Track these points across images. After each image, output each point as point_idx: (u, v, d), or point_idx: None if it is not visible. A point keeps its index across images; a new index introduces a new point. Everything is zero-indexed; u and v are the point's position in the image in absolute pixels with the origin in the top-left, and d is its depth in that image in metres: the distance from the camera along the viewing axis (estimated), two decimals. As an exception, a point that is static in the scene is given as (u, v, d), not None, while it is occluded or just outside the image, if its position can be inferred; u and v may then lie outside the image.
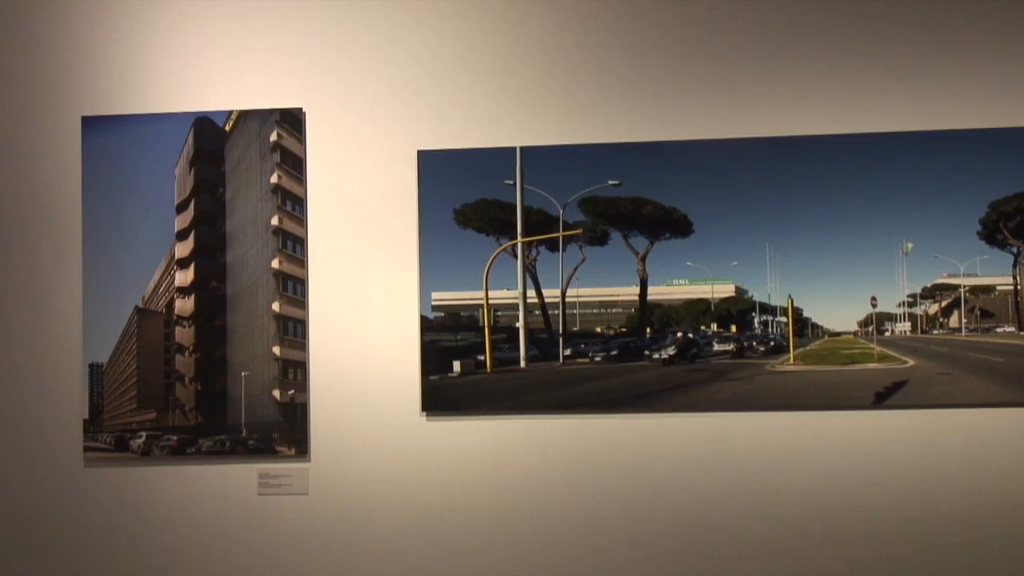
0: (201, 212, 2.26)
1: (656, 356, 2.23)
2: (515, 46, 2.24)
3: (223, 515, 2.22)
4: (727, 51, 2.21)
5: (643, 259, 2.23)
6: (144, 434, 2.24)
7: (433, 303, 2.22)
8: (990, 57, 2.17)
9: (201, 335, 2.25)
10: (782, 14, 2.21)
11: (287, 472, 2.22)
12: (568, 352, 2.24)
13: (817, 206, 2.18)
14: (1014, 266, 2.18)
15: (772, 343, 2.25)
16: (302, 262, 2.24)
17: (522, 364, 2.23)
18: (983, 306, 2.23)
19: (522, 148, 2.21)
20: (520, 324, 2.23)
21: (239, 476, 2.23)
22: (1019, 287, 2.19)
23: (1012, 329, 2.22)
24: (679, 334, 2.25)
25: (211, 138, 2.26)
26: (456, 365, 2.22)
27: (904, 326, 2.21)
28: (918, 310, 2.21)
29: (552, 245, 2.23)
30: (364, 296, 2.24)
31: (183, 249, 2.26)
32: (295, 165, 2.25)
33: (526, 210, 2.22)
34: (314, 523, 2.21)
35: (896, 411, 2.15)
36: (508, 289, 2.24)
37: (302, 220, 2.25)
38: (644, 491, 2.18)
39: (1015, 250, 2.17)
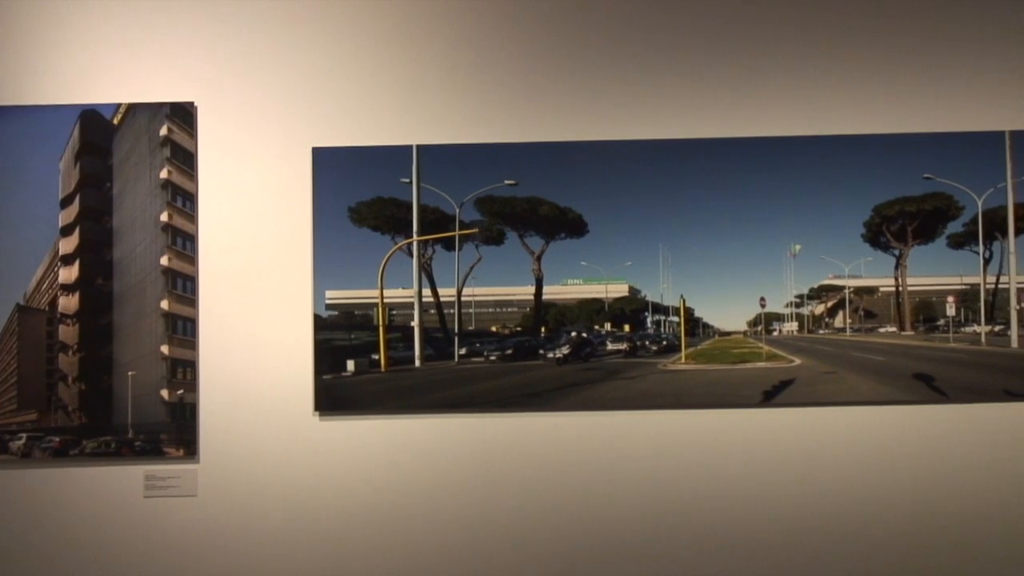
0: (87, 207, 2.20)
1: (550, 355, 2.24)
2: (411, 44, 2.23)
3: (108, 518, 2.16)
4: (621, 53, 2.23)
5: (538, 259, 2.24)
6: (25, 435, 2.16)
7: (327, 301, 2.20)
8: (875, 65, 2.23)
9: (86, 333, 2.18)
10: (674, 19, 2.24)
11: (175, 473, 2.17)
12: (463, 351, 2.23)
13: (709, 208, 2.22)
14: (896, 268, 2.25)
15: (664, 342, 2.28)
16: (192, 259, 2.20)
17: (417, 363, 2.22)
18: (867, 307, 2.29)
19: (418, 146, 2.20)
20: (415, 323, 2.22)
21: (125, 478, 2.17)
22: (901, 288, 2.26)
23: (894, 329, 2.28)
24: (573, 333, 2.26)
25: (98, 131, 2.20)
26: (350, 364, 2.20)
27: (791, 326, 2.26)
28: (805, 310, 2.27)
29: (448, 244, 2.23)
30: (256, 294, 2.20)
31: (68, 245, 2.19)
32: (186, 160, 2.20)
33: (422, 208, 2.21)
34: (202, 525, 2.17)
35: (783, 409, 2.20)
36: (403, 288, 2.23)
37: (193, 216, 2.20)
38: (537, 489, 2.19)
39: (897, 252, 2.23)
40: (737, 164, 2.21)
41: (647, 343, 2.28)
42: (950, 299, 2.25)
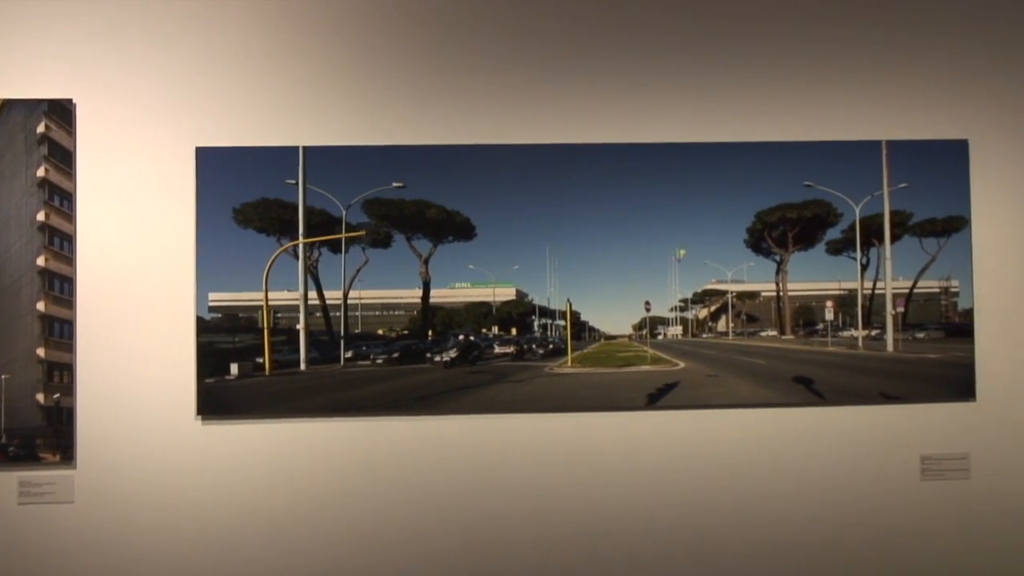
0: (-42, 206, 2.13)
1: (438, 358, 2.24)
2: (297, 43, 2.21)
3: (-21, 526, 2.11)
4: (505, 57, 2.24)
5: (426, 262, 2.23)
6: None
7: (210, 304, 2.16)
8: (757, 75, 2.28)
9: (-43, 336, 2.12)
10: (557, 23, 2.25)
11: (51, 480, 2.12)
12: (349, 354, 2.22)
13: (595, 212, 2.24)
14: (777, 273, 2.29)
15: (551, 346, 2.29)
16: (70, 260, 2.15)
17: (302, 366, 2.20)
18: (749, 311, 2.33)
19: (305, 148, 2.18)
20: (301, 326, 2.20)
21: (-3, 484, 2.12)
22: (781, 293, 2.31)
23: (775, 333, 2.33)
24: (460, 337, 2.27)
25: (-29, 128, 2.14)
26: (234, 367, 2.17)
27: (676, 330, 2.30)
28: (689, 314, 2.30)
29: (335, 246, 2.21)
30: (137, 296, 2.16)
31: (-63, 245, 2.13)
32: (64, 159, 2.15)
33: (308, 210, 2.19)
34: (80, 533, 2.12)
35: (667, 412, 2.23)
36: (289, 290, 2.21)
37: (71, 216, 2.15)
38: (424, 492, 2.19)
39: (778, 258, 2.28)
40: (623, 169, 2.23)
41: (534, 346, 2.29)
42: (829, 304, 2.31)
